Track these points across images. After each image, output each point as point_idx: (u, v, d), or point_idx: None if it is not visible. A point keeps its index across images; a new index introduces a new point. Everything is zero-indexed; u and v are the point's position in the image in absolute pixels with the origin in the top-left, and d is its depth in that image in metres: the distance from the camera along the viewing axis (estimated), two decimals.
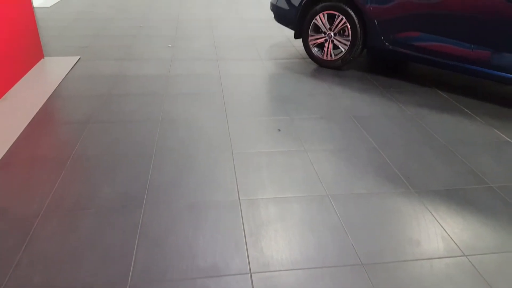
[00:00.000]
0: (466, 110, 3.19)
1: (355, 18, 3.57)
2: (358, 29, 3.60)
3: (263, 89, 3.50)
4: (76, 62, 3.89)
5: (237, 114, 3.01)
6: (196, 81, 3.58)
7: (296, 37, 4.12)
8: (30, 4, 3.71)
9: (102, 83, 3.46)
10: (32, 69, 3.66)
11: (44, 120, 2.83)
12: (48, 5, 6.21)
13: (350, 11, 3.58)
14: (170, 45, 4.52)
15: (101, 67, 3.82)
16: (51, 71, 3.66)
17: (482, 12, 2.92)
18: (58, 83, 3.40)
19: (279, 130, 2.80)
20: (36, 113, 2.90)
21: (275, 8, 4.23)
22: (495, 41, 2.95)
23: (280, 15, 4.19)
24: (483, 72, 3.09)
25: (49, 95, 3.18)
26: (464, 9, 3.00)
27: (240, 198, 2.09)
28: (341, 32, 3.75)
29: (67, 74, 3.60)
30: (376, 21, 3.46)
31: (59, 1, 6.53)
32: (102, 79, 3.55)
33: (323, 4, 3.72)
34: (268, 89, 3.50)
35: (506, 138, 2.79)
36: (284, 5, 4.04)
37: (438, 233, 1.90)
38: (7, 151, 2.43)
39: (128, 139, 2.62)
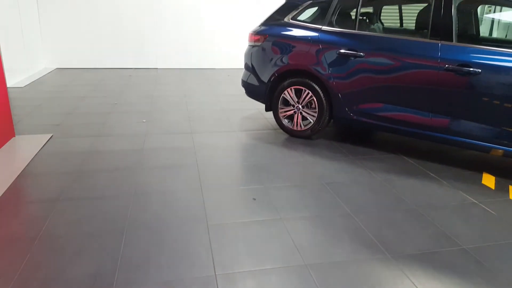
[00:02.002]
0: (432, 174, 3.34)
1: (320, 92, 3.82)
2: (324, 101, 3.83)
3: (237, 159, 3.56)
4: (48, 140, 3.87)
5: (212, 185, 3.02)
6: (171, 154, 3.62)
7: (267, 110, 4.33)
8: (4, 84, 3.76)
9: (74, 159, 3.43)
10: (2, 148, 3.60)
11: (12, 198, 2.73)
12: (22, 85, 6.30)
13: (315, 86, 3.84)
14: (144, 120, 4.61)
15: (73, 144, 3.81)
16: (22, 149, 3.62)
17: (436, 84, 3.21)
18: (28, 161, 3.34)
19: (254, 199, 2.81)
20: (4, 192, 2.80)
21: (246, 84, 4.47)
22: (449, 109, 3.21)
23: (251, 91, 4.43)
24: (442, 137, 3.30)
25: (18, 173, 3.11)
26: (419, 82, 3.29)
27: (216, 273, 2.02)
28: (309, 105, 3.97)
29: (38, 152, 3.56)
30: (340, 95, 3.71)
31: (33, 81, 6.65)
32: (74, 155, 3.52)
33: (290, 80, 3.98)
34: (242, 159, 3.57)
35: (472, 199, 2.91)
36: (254, 82, 4.29)
37: None
38: None
39: (99, 215, 2.54)
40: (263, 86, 4.19)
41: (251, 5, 8.26)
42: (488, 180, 3.24)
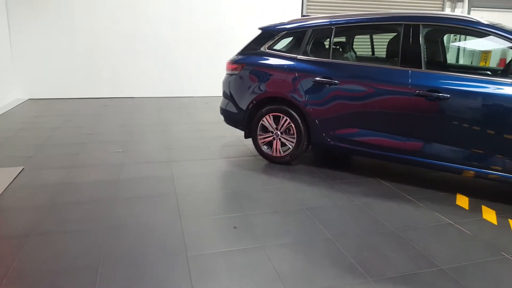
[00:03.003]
0: (408, 196, 3.40)
1: (298, 119, 3.89)
2: (302, 127, 3.89)
3: (216, 187, 3.53)
4: (19, 173, 3.74)
5: (191, 214, 2.97)
6: (148, 184, 3.55)
7: (246, 137, 4.35)
8: None
9: (46, 192, 3.32)
10: None
11: None
12: None
13: (293, 113, 3.90)
14: (120, 150, 4.54)
15: (46, 176, 3.69)
16: None
17: (408, 109, 3.32)
18: None
19: (235, 227, 2.77)
20: None
21: (224, 112, 4.50)
22: (422, 133, 3.31)
23: (230, 118, 4.46)
24: (416, 160, 3.39)
25: None
26: (391, 107, 3.40)
27: None
28: (287, 131, 4.02)
29: (8, 186, 3.43)
30: (316, 121, 3.79)
31: (4, 112, 6.48)
32: (47, 188, 3.41)
33: (268, 107, 4.04)
34: (221, 187, 3.54)
35: (447, 220, 2.97)
36: (233, 109, 4.33)
37: None
38: None
39: (73, 251, 2.44)
40: (242, 114, 4.23)
41: (227, 33, 8.44)
42: (462, 201, 3.33)
